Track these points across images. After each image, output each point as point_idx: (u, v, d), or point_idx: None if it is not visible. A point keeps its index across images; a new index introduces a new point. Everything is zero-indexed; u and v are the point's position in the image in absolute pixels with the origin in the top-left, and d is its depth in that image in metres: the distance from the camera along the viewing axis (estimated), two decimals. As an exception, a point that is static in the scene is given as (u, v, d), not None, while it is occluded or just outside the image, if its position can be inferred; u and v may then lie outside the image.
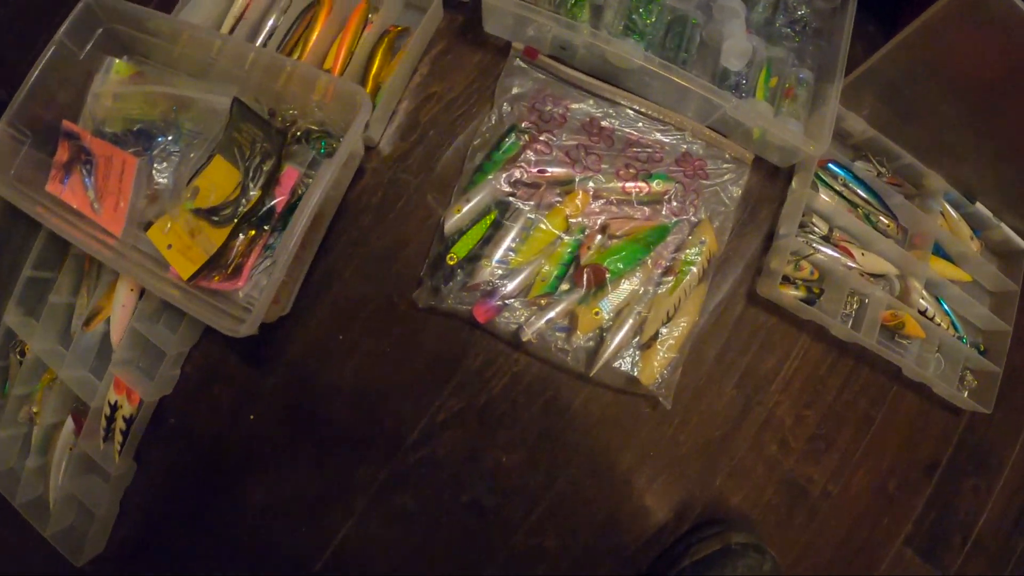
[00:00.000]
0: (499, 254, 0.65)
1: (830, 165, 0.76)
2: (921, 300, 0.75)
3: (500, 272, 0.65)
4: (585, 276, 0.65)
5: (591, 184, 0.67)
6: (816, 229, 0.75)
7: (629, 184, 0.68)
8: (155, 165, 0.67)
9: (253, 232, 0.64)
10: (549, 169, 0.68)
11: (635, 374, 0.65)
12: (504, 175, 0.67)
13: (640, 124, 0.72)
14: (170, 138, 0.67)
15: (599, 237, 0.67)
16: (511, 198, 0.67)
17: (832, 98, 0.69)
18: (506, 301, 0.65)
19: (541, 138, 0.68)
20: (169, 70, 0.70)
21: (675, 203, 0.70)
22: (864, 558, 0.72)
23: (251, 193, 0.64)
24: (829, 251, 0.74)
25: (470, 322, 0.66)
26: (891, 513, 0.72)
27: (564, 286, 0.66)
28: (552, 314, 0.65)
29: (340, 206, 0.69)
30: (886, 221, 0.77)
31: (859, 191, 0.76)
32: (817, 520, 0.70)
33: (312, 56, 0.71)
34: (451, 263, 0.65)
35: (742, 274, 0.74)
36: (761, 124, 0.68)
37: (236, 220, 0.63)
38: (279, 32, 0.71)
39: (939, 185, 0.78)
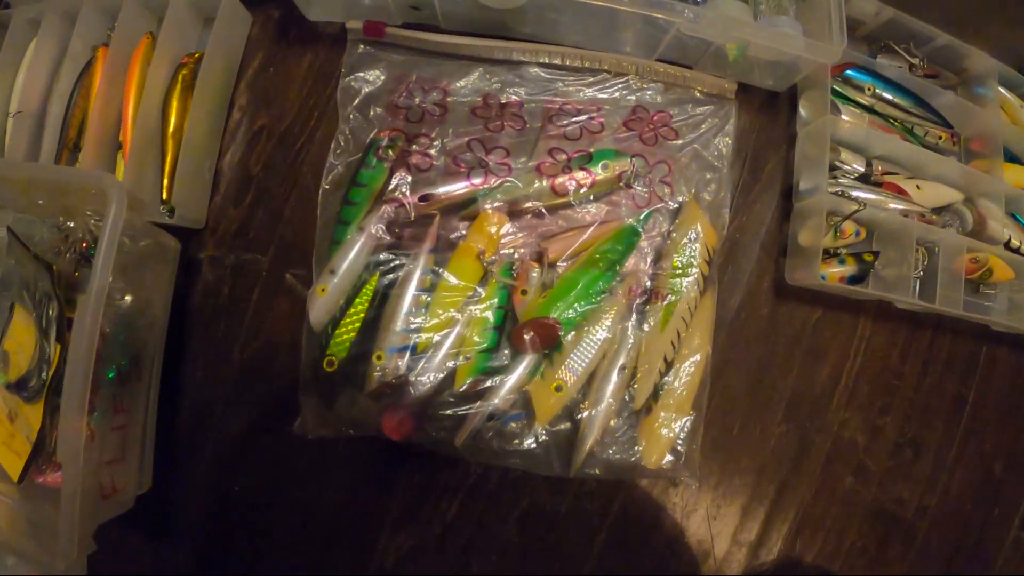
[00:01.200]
0: (395, 340, 0.42)
1: (849, 72, 0.50)
2: (1004, 229, 0.52)
3: (405, 364, 0.45)
4: (528, 340, 0.42)
5: (499, 197, 0.43)
6: (849, 168, 0.50)
7: (560, 179, 0.43)
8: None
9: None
10: (436, 191, 0.44)
11: (635, 458, 0.45)
12: (374, 219, 0.45)
13: (559, 84, 0.46)
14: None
15: (535, 273, 0.43)
16: (392, 252, 0.44)
17: None
18: (424, 404, 0.45)
19: (413, 148, 0.45)
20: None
21: (638, 187, 0.46)
22: (977, 562, 0.54)
23: (48, 352, 0.45)
24: (874, 196, 0.49)
25: (386, 439, 0.46)
26: (1001, 500, 0.55)
27: (500, 359, 0.43)
28: (494, 404, 0.44)
29: (182, 318, 0.49)
30: (936, 132, 0.52)
31: (893, 99, 0.51)
32: (916, 545, 0.53)
33: (98, 126, 0.49)
34: (331, 370, 0.45)
35: (760, 261, 0.49)
36: (737, 36, 0.43)
37: (44, 391, 0.44)
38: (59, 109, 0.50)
39: (988, 65, 0.53)
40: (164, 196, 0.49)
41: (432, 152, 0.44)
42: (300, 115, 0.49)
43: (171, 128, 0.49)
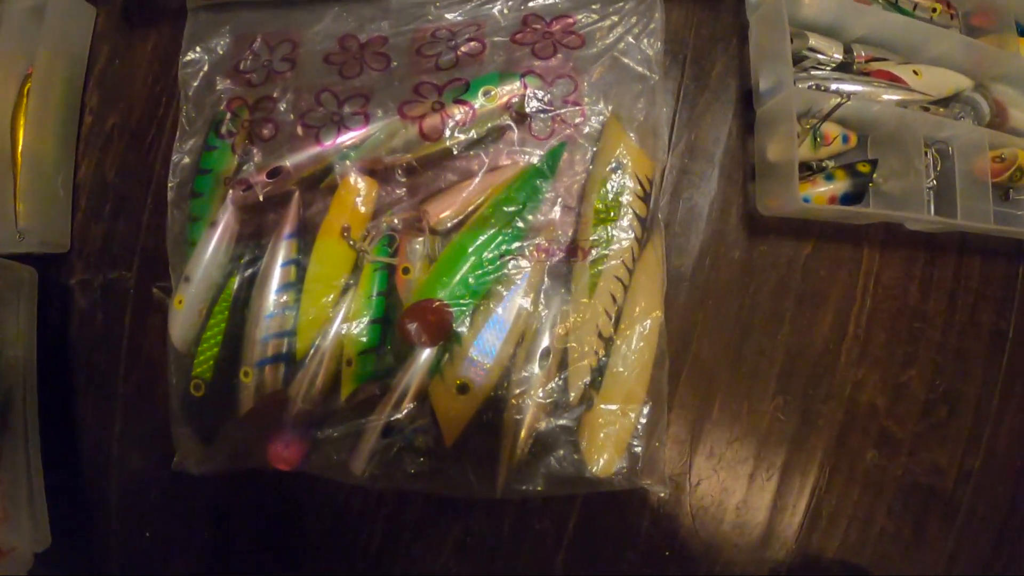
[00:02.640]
0: (261, 351, 0.34)
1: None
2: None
3: (279, 377, 0.37)
4: (413, 331, 0.32)
5: (358, 156, 0.33)
6: (824, 58, 0.37)
7: (430, 121, 0.32)
8: None
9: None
10: (285, 163, 0.34)
11: (582, 468, 0.34)
12: (223, 211, 0.38)
13: (431, 8, 0.36)
14: None
15: (417, 244, 0.33)
16: (251, 245, 0.35)
17: None
18: (310, 423, 0.36)
19: (257, 116, 0.35)
20: None
21: (536, 114, 0.34)
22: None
23: None
24: (860, 87, 0.36)
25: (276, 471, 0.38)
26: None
27: (388, 359, 0.33)
28: (387, 416, 0.36)
29: (56, 354, 0.42)
30: (928, 3, 0.39)
31: None
32: (959, 520, 0.43)
33: None
34: (198, 395, 0.37)
35: (722, 189, 0.38)
36: None
37: None
38: None
39: None
40: (18, 222, 0.43)
41: (279, 117, 0.35)
42: (148, 105, 0.41)
43: (19, 148, 0.43)
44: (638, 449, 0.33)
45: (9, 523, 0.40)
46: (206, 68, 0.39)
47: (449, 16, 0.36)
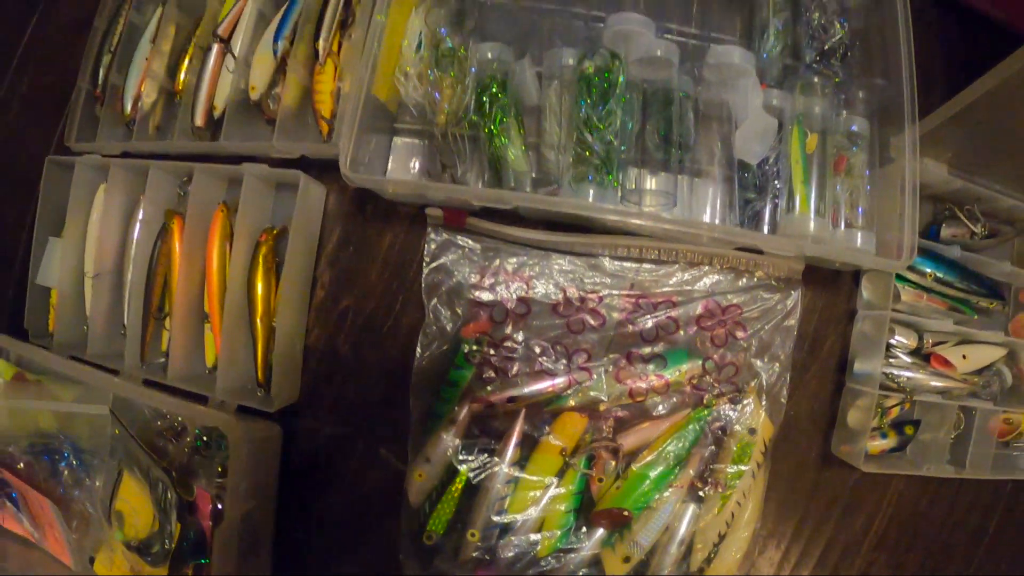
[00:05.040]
0: (486, 518, 0.47)
1: (916, 261, 0.50)
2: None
3: (495, 538, 0.50)
4: (603, 522, 0.47)
5: (581, 400, 0.46)
6: (900, 345, 0.51)
7: (637, 385, 0.47)
8: (73, 492, 0.52)
9: (192, 566, 0.50)
10: (523, 392, 0.47)
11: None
12: (464, 414, 0.49)
13: (635, 275, 0.48)
14: (74, 462, 0.52)
15: (610, 464, 0.47)
16: (482, 443, 0.47)
17: (907, 178, 0.43)
18: (511, 569, 0.51)
19: (501, 353, 0.47)
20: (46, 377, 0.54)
21: (708, 382, 0.48)
22: None
23: (169, 528, 0.49)
24: (924, 376, 0.52)
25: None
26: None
27: (579, 534, 0.48)
28: (571, 570, 0.50)
29: (283, 483, 0.52)
30: (989, 302, 0.53)
31: (952, 281, 0.52)
32: None
33: (183, 299, 0.51)
34: (429, 543, 0.50)
35: (809, 433, 0.53)
36: (812, 252, 0.44)
37: (169, 559, 0.49)
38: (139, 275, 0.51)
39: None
40: (260, 379, 0.51)
41: (517, 355, 0.47)
42: (384, 299, 0.51)
43: (259, 312, 0.51)
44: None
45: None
46: (446, 289, 0.49)
47: (649, 280, 0.48)
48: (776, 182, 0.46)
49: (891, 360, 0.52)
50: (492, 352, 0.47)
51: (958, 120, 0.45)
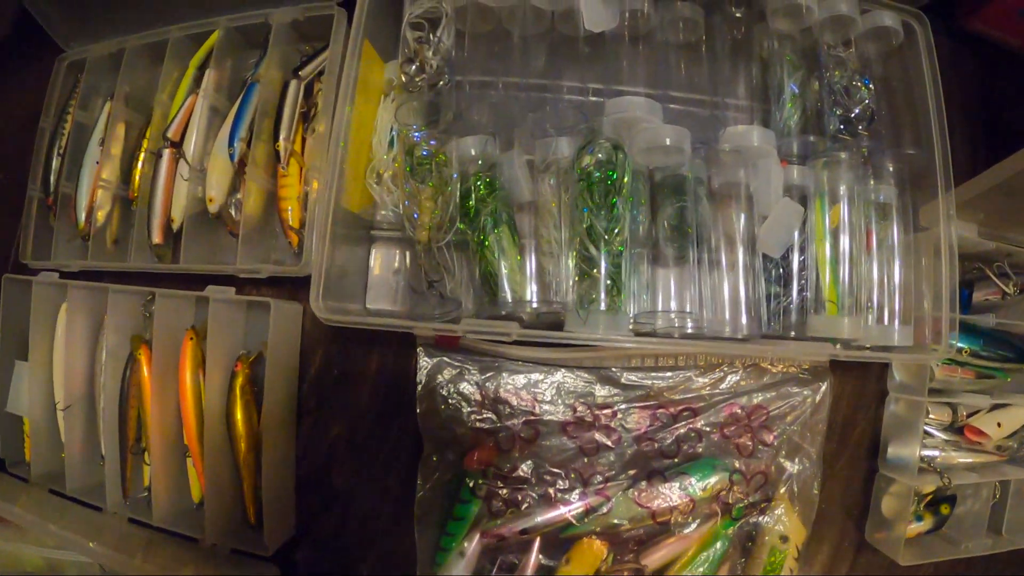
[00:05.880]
0: None
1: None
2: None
3: None
4: None
5: (599, 526, 0.42)
6: (934, 423, 0.48)
7: (660, 506, 0.43)
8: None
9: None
10: (535, 521, 0.43)
11: None
12: (474, 546, 0.45)
13: (649, 382, 0.44)
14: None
15: None
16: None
17: (944, 269, 0.40)
18: None
19: (508, 483, 0.43)
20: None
21: (736, 494, 0.44)
22: None
23: None
24: (958, 453, 0.49)
25: None
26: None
27: None
28: None
29: None
30: (1011, 366, 0.50)
31: (985, 353, 0.48)
32: None
33: (159, 433, 0.46)
34: None
35: (842, 522, 0.50)
36: (846, 357, 0.40)
37: None
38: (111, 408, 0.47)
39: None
40: (251, 519, 0.47)
41: (527, 485, 0.43)
42: (378, 426, 0.47)
43: (243, 448, 0.46)
44: None
45: None
46: (444, 414, 0.45)
47: (664, 387, 0.44)
48: (802, 273, 0.42)
49: (924, 441, 0.48)
50: (500, 484, 0.43)
51: (997, 188, 0.41)
